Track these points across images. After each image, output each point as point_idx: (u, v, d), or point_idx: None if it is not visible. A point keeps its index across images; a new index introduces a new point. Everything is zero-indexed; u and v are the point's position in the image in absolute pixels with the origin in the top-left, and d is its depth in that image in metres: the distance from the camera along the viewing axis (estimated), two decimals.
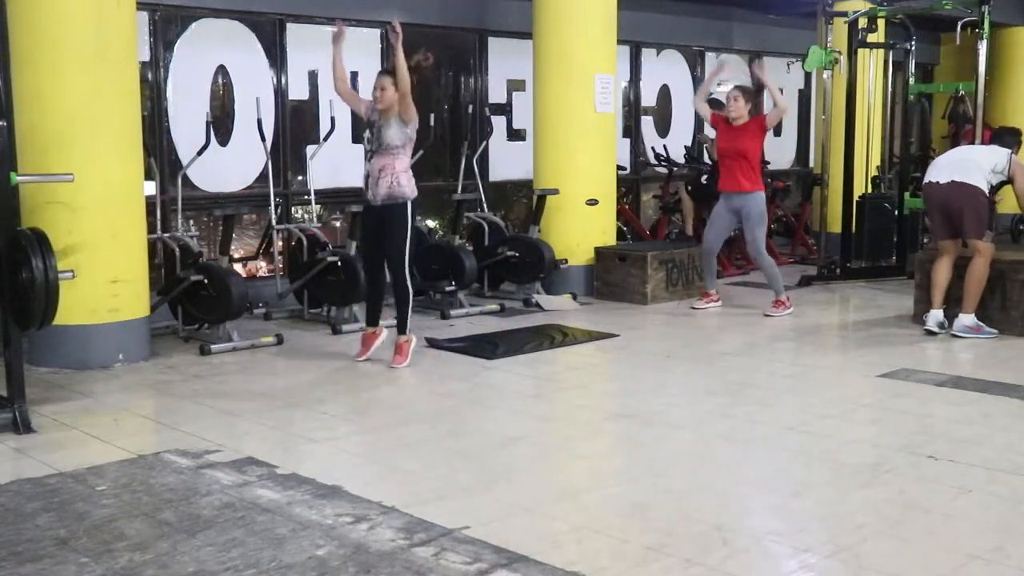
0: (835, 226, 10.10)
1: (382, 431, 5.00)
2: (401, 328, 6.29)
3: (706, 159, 11.05)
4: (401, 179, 6.15)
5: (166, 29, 8.06)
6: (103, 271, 6.16)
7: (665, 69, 11.82)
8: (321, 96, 8.93)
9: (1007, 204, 13.28)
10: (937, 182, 7.10)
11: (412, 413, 5.32)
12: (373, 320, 6.45)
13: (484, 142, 9.67)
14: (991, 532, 3.60)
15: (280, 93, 8.68)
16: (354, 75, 9.19)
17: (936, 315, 7.05)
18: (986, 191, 7.01)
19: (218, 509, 3.82)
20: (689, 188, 10.53)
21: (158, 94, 8.02)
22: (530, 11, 8.87)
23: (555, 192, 8.67)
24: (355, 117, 9.24)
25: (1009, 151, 7.21)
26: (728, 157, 7.91)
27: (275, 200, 8.22)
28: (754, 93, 8.29)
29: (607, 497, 4.07)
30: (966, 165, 7.06)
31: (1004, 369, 6.07)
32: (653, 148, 11.45)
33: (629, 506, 3.91)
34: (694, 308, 8.20)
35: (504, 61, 10.18)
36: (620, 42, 9.21)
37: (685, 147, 11.58)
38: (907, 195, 9.83)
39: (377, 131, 6.16)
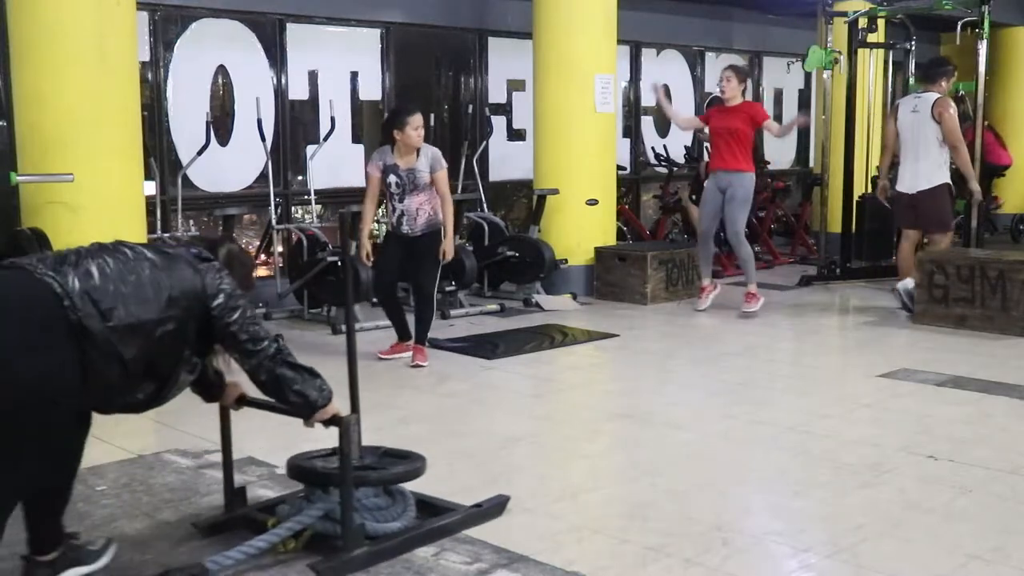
0: (835, 226, 10.09)
1: (382, 431, 4.99)
2: (421, 340, 6.39)
3: (707, 158, 11.04)
4: (436, 209, 6.31)
5: (166, 29, 8.06)
6: None
7: (665, 69, 11.82)
8: (321, 96, 8.93)
9: (1008, 204, 13.37)
10: (904, 193, 7.93)
11: (412, 413, 5.32)
12: (407, 334, 6.51)
13: (484, 142, 9.67)
14: (991, 532, 3.60)
15: (280, 93, 8.68)
16: (354, 75, 9.22)
17: (908, 282, 7.67)
18: (947, 178, 7.81)
19: (218, 509, 3.82)
20: (693, 197, 10.53)
21: (158, 94, 8.02)
22: (530, 11, 8.87)
23: (555, 192, 8.67)
24: (355, 117, 9.27)
25: (936, 96, 7.80)
26: (719, 137, 7.84)
27: (275, 200, 8.23)
28: (746, 74, 8.27)
29: (607, 497, 4.07)
30: (928, 163, 7.74)
31: (1004, 369, 6.07)
32: (653, 148, 11.46)
33: (629, 506, 3.91)
34: (697, 310, 8.13)
35: (504, 61, 10.18)
36: (620, 42, 9.21)
37: (685, 147, 11.57)
38: None
39: (408, 173, 6.22)
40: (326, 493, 3.43)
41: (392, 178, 6.24)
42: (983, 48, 8.63)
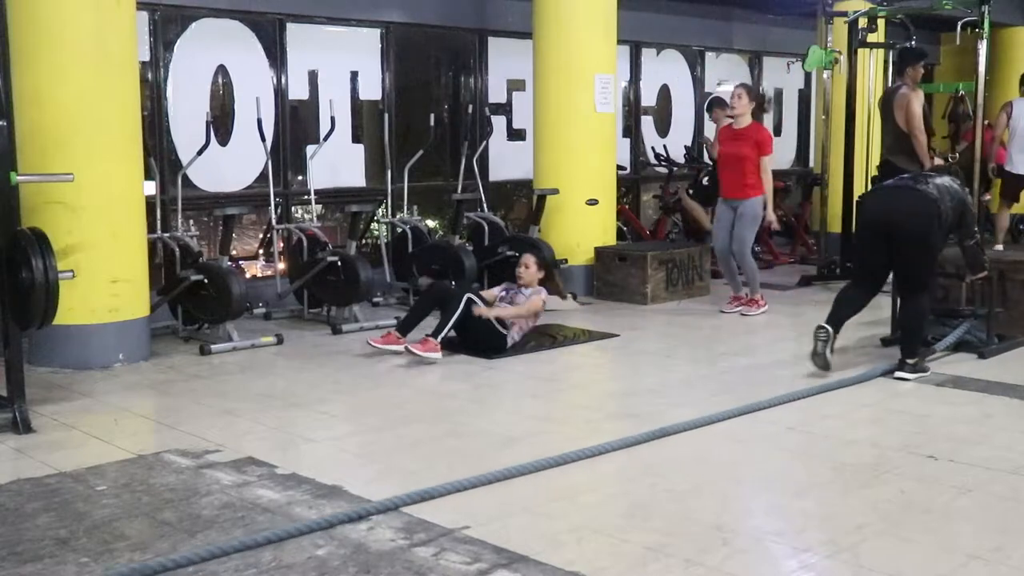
0: (835, 226, 10.09)
1: (382, 431, 5.00)
2: (436, 334, 6.34)
3: (706, 159, 11.05)
4: None
5: (166, 29, 8.06)
6: (103, 271, 6.16)
7: (665, 69, 11.82)
8: (321, 96, 8.93)
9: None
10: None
11: (412, 413, 5.32)
12: (407, 329, 6.53)
13: (484, 142, 9.67)
14: (991, 532, 3.60)
15: (280, 93, 8.67)
16: (354, 75, 9.22)
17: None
18: None
19: (218, 509, 3.82)
20: (690, 191, 10.53)
21: (158, 94, 8.02)
22: (530, 11, 8.87)
23: (555, 192, 8.67)
24: (355, 117, 9.27)
25: None
26: (728, 162, 7.92)
27: (275, 200, 8.23)
28: (758, 94, 8.30)
29: (607, 497, 4.08)
30: None
31: (1004, 369, 6.07)
32: (653, 148, 11.46)
33: (629, 506, 3.91)
34: (723, 312, 8.06)
35: (504, 61, 10.18)
36: (620, 42, 9.21)
37: (685, 147, 11.58)
38: None
39: None
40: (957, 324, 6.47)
41: None
42: (983, 48, 8.62)
